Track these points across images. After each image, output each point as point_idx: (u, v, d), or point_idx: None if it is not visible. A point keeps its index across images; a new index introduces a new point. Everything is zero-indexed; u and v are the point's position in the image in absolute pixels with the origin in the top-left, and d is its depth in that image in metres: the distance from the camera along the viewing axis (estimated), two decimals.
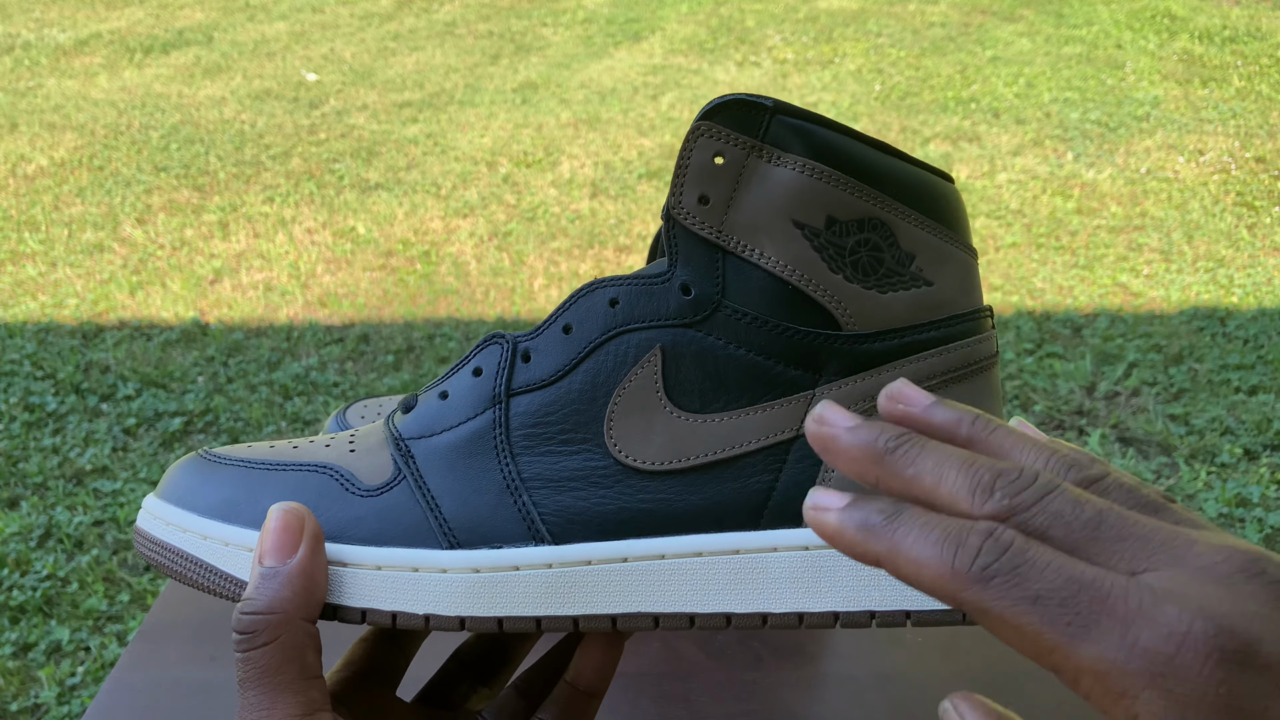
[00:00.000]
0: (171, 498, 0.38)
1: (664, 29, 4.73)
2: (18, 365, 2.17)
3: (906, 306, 0.36)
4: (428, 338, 2.26)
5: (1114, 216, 2.77)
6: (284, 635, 0.33)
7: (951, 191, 0.37)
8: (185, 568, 0.37)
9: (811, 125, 0.35)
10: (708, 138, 0.35)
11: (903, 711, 0.56)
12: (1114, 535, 0.23)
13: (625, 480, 0.36)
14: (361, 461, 0.38)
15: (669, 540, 0.36)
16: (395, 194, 3.00)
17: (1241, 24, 4.45)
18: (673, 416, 0.36)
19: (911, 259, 0.36)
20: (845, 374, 0.36)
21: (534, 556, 0.35)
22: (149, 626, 0.62)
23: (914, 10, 4.89)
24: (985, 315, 0.38)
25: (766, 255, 0.35)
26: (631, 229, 2.75)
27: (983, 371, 0.38)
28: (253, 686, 0.33)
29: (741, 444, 0.36)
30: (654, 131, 3.44)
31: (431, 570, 0.35)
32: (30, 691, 1.39)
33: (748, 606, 0.35)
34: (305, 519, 0.35)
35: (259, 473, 0.38)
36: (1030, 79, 3.86)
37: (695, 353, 0.36)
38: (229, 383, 2.11)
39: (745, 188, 0.35)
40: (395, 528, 0.36)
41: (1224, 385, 2.02)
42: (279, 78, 4.12)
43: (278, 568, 0.34)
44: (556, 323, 0.37)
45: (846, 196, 0.35)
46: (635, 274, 0.37)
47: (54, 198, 3.02)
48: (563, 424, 0.36)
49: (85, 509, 1.74)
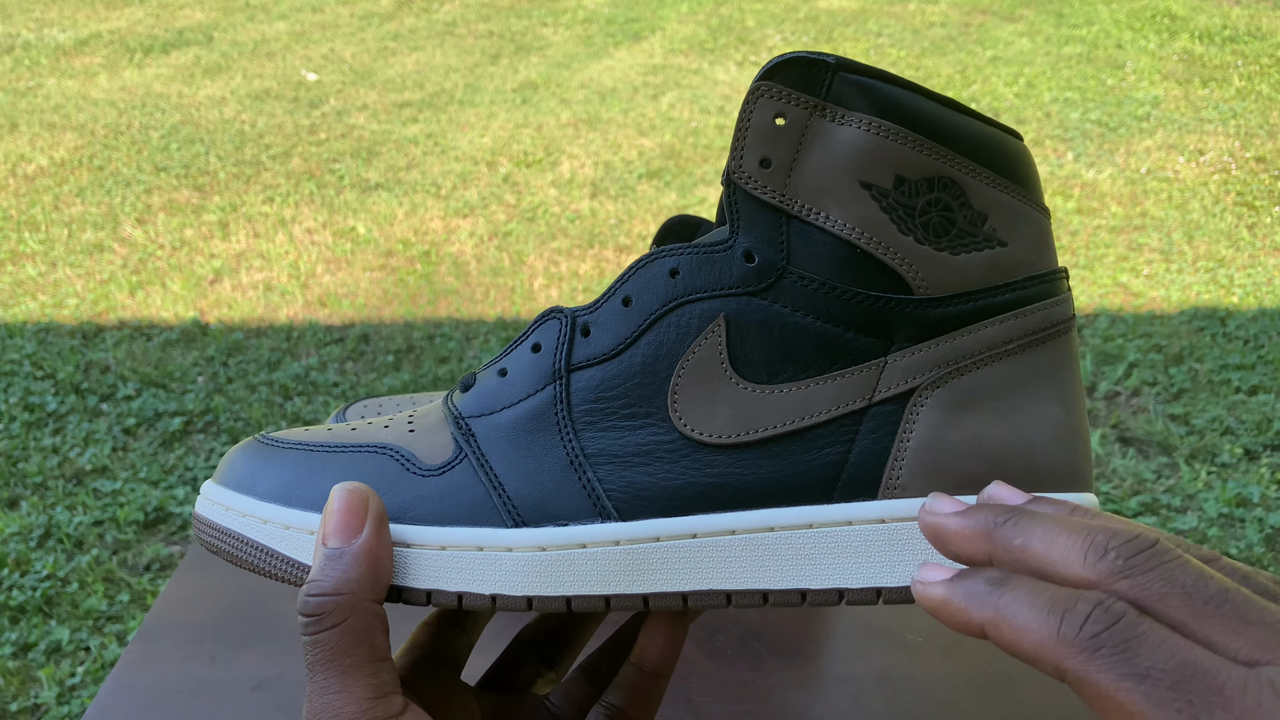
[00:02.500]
0: (230, 482, 0.37)
1: (664, 29, 4.73)
2: (18, 365, 2.17)
3: (980, 268, 0.34)
4: (428, 338, 2.26)
5: (1114, 216, 2.77)
6: (352, 617, 0.32)
7: (1023, 149, 0.36)
8: (246, 552, 0.36)
9: (876, 81, 0.34)
10: (768, 98, 0.34)
11: (903, 711, 0.56)
12: (1238, 617, 0.22)
13: (692, 454, 0.35)
14: (421, 441, 0.37)
15: (739, 515, 0.34)
16: (395, 194, 3.00)
17: (1241, 24, 4.45)
18: (739, 388, 0.35)
19: (984, 219, 0.35)
20: (918, 340, 0.34)
21: (601, 534, 0.34)
22: (149, 626, 0.62)
23: (914, 10, 4.88)
24: (1061, 276, 0.37)
25: (833, 218, 0.34)
26: (631, 229, 2.74)
27: (1061, 334, 0.36)
28: (322, 669, 0.32)
29: (811, 415, 0.34)
30: (654, 131, 3.44)
31: (497, 549, 0.34)
32: (30, 691, 1.39)
33: (823, 582, 0.34)
34: (369, 499, 0.34)
35: (318, 454, 0.37)
36: (1030, 79, 3.86)
37: (761, 322, 0.34)
38: (229, 383, 2.11)
39: (809, 149, 0.34)
40: (458, 507, 0.35)
41: (1224, 385, 2.02)
42: (279, 78, 4.12)
43: (343, 548, 0.33)
44: (616, 295, 0.36)
45: (915, 154, 0.34)
46: (695, 243, 0.36)
47: (54, 198, 3.02)
48: (625, 398, 0.35)
49: (85, 509, 1.74)
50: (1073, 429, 0.36)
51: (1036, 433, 0.35)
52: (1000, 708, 0.56)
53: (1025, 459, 0.35)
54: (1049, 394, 0.35)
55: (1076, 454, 0.36)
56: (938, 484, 0.34)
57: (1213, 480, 1.75)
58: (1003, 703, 0.56)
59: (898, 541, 0.34)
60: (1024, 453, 0.35)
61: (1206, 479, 1.75)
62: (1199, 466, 1.79)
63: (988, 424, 0.35)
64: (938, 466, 0.34)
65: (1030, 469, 0.35)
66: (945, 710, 0.56)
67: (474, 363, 2.16)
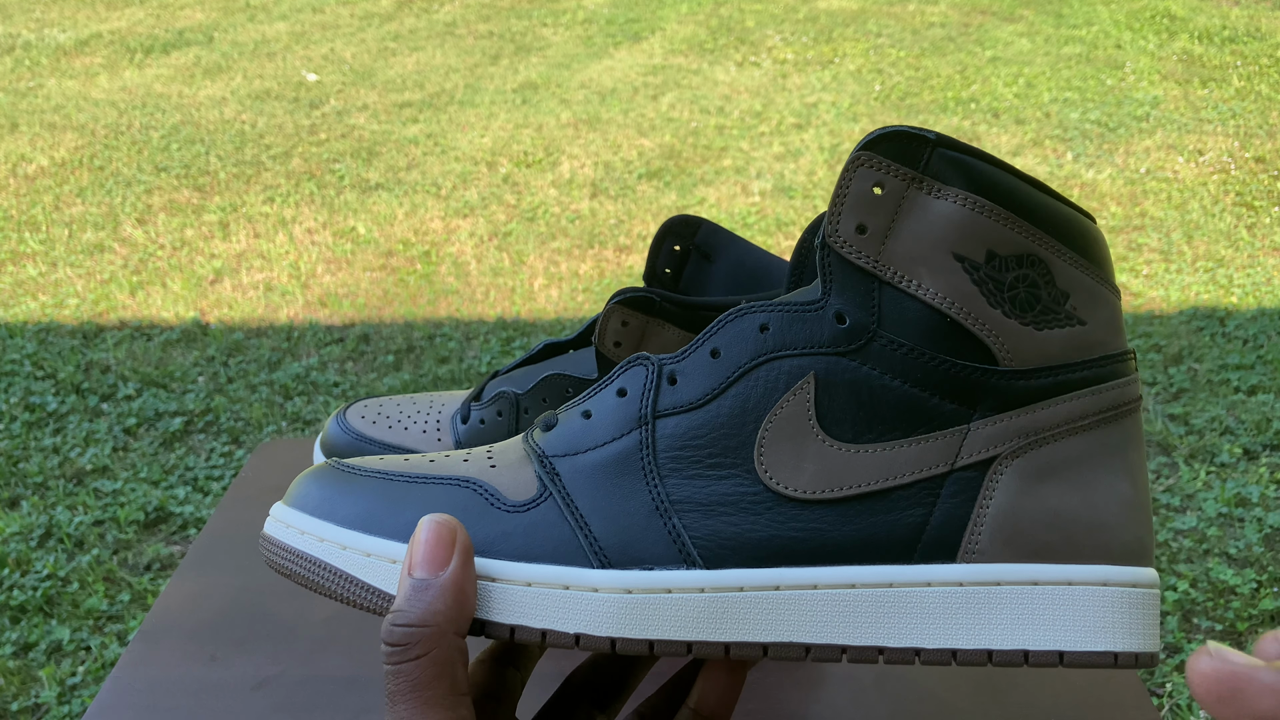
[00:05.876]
0: (306, 506, 0.37)
1: (664, 29, 4.73)
2: (18, 365, 2.17)
3: (1061, 345, 0.36)
4: (428, 338, 2.27)
5: (1114, 216, 2.77)
6: (436, 649, 0.32)
7: (1098, 231, 0.37)
8: (323, 577, 0.36)
9: (973, 160, 0.35)
10: (868, 168, 0.35)
11: (903, 711, 0.56)
12: None
13: (777, 508, 0.36)
14: (504, 476, 0.37)
15: (822, 570, 0.35)
16: (395, 194, 3.00)
17: (1241, 24, 4.45)
18: (825, 445, 0.36)
19: (1066, 297, 0.36)
20: (1000, 410, 0.36)
21: (687, 580, 0.35)
22: (149, 626, 0.62)
23: (914, 10, 4.88)
24: (1131, 357, 0.38)
25: (925, 287, 0.35)
26: (631, 229, 2.75)
27: (1131, 413, 0.37)
28: (404, 700, 0.32)
29: (895, 476, 0.35)
30: (654, 132, 3.44)
31: (583, 589, 0.35)
32: (31, 691, 1.39)
33: (900, 641, 0.35)
34: (457, 531, 0.35)
35: (400, 484, 0.37)
36: (1030, 79, 3.86)
37: (849, 382, 0.36)
38: (229, 383, 2.11)
39: (904, 218, 0.35)
40: (543, 545, 0.35)
41: (1223, 385, 2.02)
42: (279, 78, 4.12)
43: (430, 580, 0.33)
44: (704, 346, 0.37)
45: (1007, 232, 0.35)
46: (783, 300, 0.37)
47: (54, 198, 3.02)
48: (711, 448, 0.36)
49: (85, 509, 1.74)
50: (1141, 505, 0.37)
51: (1108, 507, 0.36)
52: (1000, 707, 0.56)
53: (1097, 532, 0.36)
54: (1119, 470, 0.37)
55: (1143, 529, 0.37)
56: (1014, 551, 0.35)
57: (1212, 480, 1.75)
58: (1003, 702, 0.56)
59: (975, 605, 0.35)
60: (1096, 525, 0.36)
61: (1206, 479, 1.75)
62: (1198, 466, 1.79)
63: (1063, 495, 0.36)
64: (1015, 534, 0.35)
65: (1101, 542, 0.36)
66: (945, 710, 0.56)
67: (474, 363, 2.16)
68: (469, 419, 0.58)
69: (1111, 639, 0.35)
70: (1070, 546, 0.35)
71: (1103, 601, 0.35)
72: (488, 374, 0.84)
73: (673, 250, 0.55)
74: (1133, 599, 0.36)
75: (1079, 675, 0.58)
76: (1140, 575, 0.36)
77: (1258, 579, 1.53)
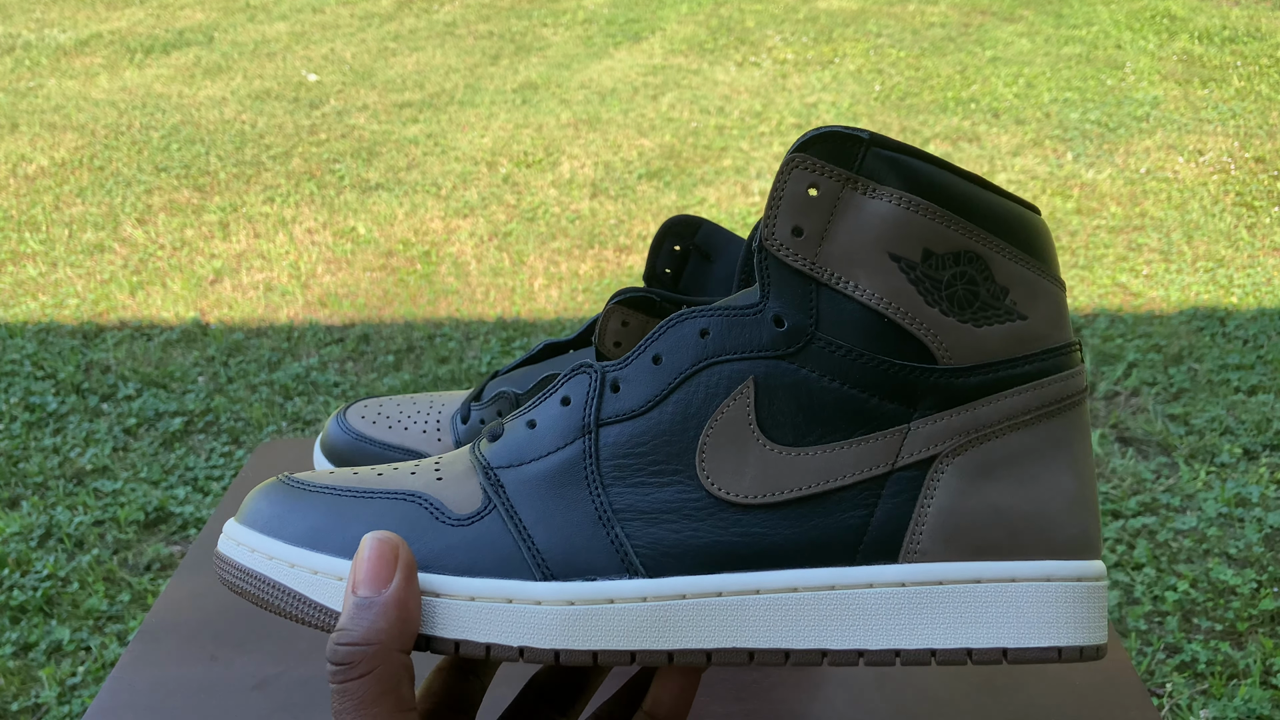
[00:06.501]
0: (256, 524, 0.38)
1: (664, 29, 4.73)
2: (18, 365, 2.17)
3: (1001, 340, 0.36)
4: (428, 338, 2.27)
5: (1113, 217, 2.77)
6: (380, 667, 0.33)
7: (1041, 224, 0.37)
8: (273, 595, 0.36)
9: (907, 158, 0.35)
10: (802, 169, 0.35)
11: (903, 711, 0.56)
12: None
13: (719, 513, 0.36)
14: (449, 490, 0.38)
15: (764, 575, 0.35)
16: (395, 194, 3.00)
17: (1241, 24, 4.45)
18: (766, 449, 0.36)
19: (1006, 292, 0.36)
20: (940, 408, 0.36)
21: (629, 590, 0.35)
22: (149, 626, 0.63)
23: (914, 10, 4.89)
24: (1076, 349, 0.38)
25: (862, 288, 0.35)
26: (632, 229, 2.75)
27: (1075, 406, 0.37)
28: (350, 717, 0.33)
29: (836, 478, 0.35)
30: (654, 132, 3.44)
31: (526, 602, 0.35)
32: (31, 691, 1.39)
33: (844, 643, 0.35)
34: (399, 548, 0.35)
35: (347, 500, 0.38)
36: (1030, 79, 3.86)
37: (789, 385, 0.36)
38: (229, 383, 2.11)
39: (840, 220, 0.35)
40: (487, 558, 0.36)
41: (1223, 385, 2.02)
42: (279, 78, 4.12)
43: (373, 598, 0.34)
44: (646, 352, 0.37)
45: (943, 229, 0.35)
46: (724, 304, 0.37)
47: (54, 198, 3.02)
48: (654, 455, 0.36)
49: (86, 509, 1.74)
50: (1085, 499, 0.37)
51: (1051, 502, 0.36)
52: (1000, 707, 0.56)
53: (1041, 527, 0.36)
54: (1063, 464, 0.37)
55: (1089, 523, 0.37)
56: (956, 549, 0.35)
57: (1212, 480, 1.75)
58: (1003, 702, 0.56)
59: (917, 605, 0.35)
60: (1040, 521, 0.36)
61: (1206, 479, 1.75)
62: (1198, 466, 1.79)
63: (1005, 492, 0.36)
64: (957, 532, 0.35)
65: (1045, 537, 0.36)
66: (945, 709, 0.56)
67: (474, 363, 2.16)
68: (469, 419, 0.58)
69: (1055, 634, 0.35)
70: (1013, 542, 0.36)
71: (1046, 597, 0.35)
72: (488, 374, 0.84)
73: (673, 250, 0.55)
74: (1077, 593, 0.36)
75: (1080, 676, 0.58)
76: (1085, 569, 0.36)
77: (1258, 579, 1.53)
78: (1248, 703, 1.31)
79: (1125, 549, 1.60)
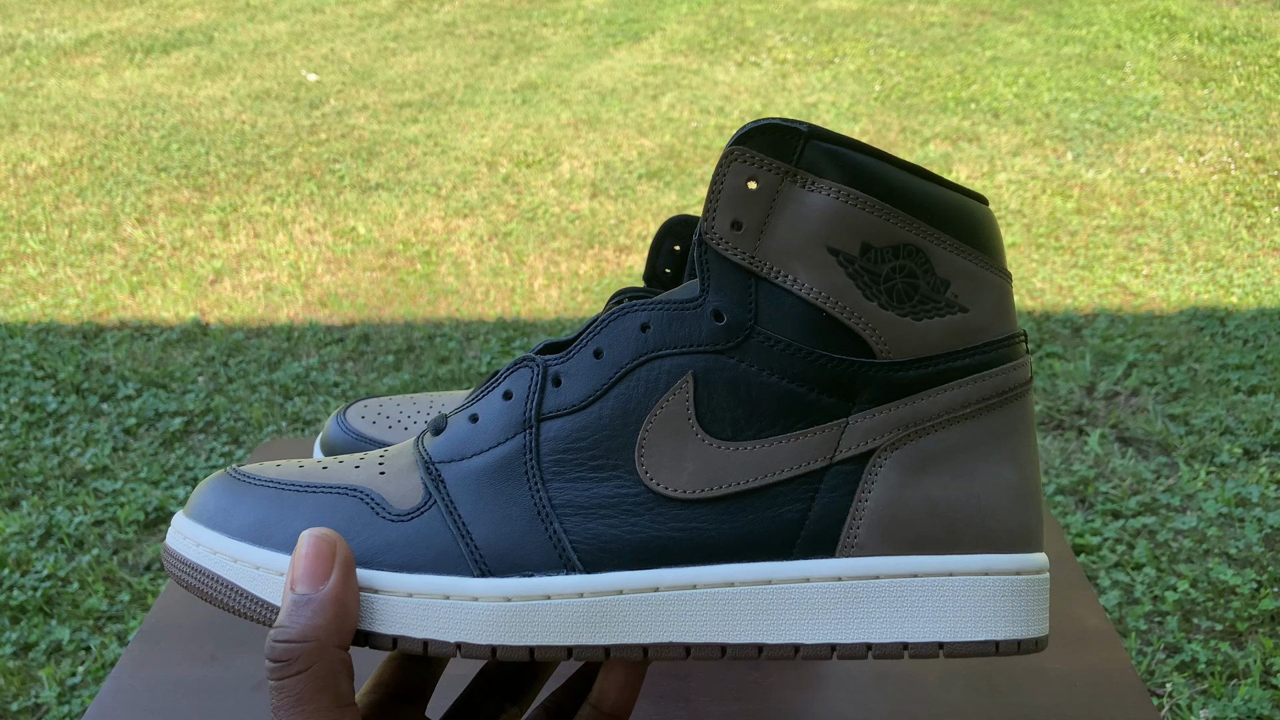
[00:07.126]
0: (202, 518, 0.38)
1: (664, 29, 4.73)
2: (18, 365, 2.17)
3: (942, 333, 0.36)
4: (428, 338, 2.27)
5: (1113, 216, 2.77)
6: (317, 663, 0.33)
7: (986, 214, 0.37)
8: (216, 590, 0.37)
9: (846, 150, 0.35)
10: (741, 162, 0.35)
11: (903, 711, 0.56)
12: None
13: (657, 508, 0.36)
14: (391, 485, 0.38)
15: (700, 570, 0.35)
16: (395, 194, 3.00)
17: (1241, 24, 4.45)
18: (705, 444, 0.36)
19: (947, 285, 0.36)
20: (879, 402, 0.35)
21: (566, 585, 0.35)
22: (149, 626, 0.62)
23: (914, 10, 4.89)
24: (1019, 340, 0.38)
25: (800, 282, 0.35)
26: (631, 229, 2.75)
27: (1018, 398, 0.37)
28: (287, 714, 0.33)
29: (774, 473, 0.35)
30: (654, 132, 3.44)
31: (463, 598, 0.35)
32: (31, 691, 1.39)
33: (780, 638, 0.35)
34: (337, 545, 0.35)
35: (290, 494, 0.38)
36: (1030, 79, 3.86)
37: (728, 380, 0.35)
38: (229, 383, 2.11)
39: (779, 213, 0.35)
40: (426, 554, 0.36)
41: (1223, 385, 2.02)
42: (279, 78, 4.12)
43: (310, 595, 0.34)
44: (587, 346, 0.37)
45: (882, 223, 0.35)
46: (665, 297, 0.36)
47: (54, 198, 3.02)
48: (594, 450, 0.36)
49: (85, 509, 1.74)
50: (1026, 491, 0.37)
51: (990, 495, 0.36)
52: (1000, 707, 0.56)
53: (980, 520, 0.36)
54: (1004, 457, 0.36)
55: (1029, 515, 0.37)
56: (893, 543, 0.35)
57: (1212, 480, 1.75)
58: (1003, 702, 0.56)
59: (853, 599, 0.35)
60: (978, 514, 0.36)
61: (1206, 479, 1.75)
62: (1198, 466, 1.79)
63: (944, 486, 0.36)
64: (894, 526, 0.35)
65: (984, 530, 0.36)
66: (945, 710, 0.56)
67: (474, 363, 2.16)
68: None
69: (993, 628, 0.35)
70: (951, 536, 0.35)
71: (983, 591, 0.35)
72: (488, 374, 0.84)
73: (673, 250, 0.55)
74: (1016, 586, 0.36)
75: (1080, 676, 0.58)
76: (1025, 562, 0.36)
77: (1258, 579, 1.53)
78: (1248, 703, 1.31)
79: (1125, 549, 1.60)
